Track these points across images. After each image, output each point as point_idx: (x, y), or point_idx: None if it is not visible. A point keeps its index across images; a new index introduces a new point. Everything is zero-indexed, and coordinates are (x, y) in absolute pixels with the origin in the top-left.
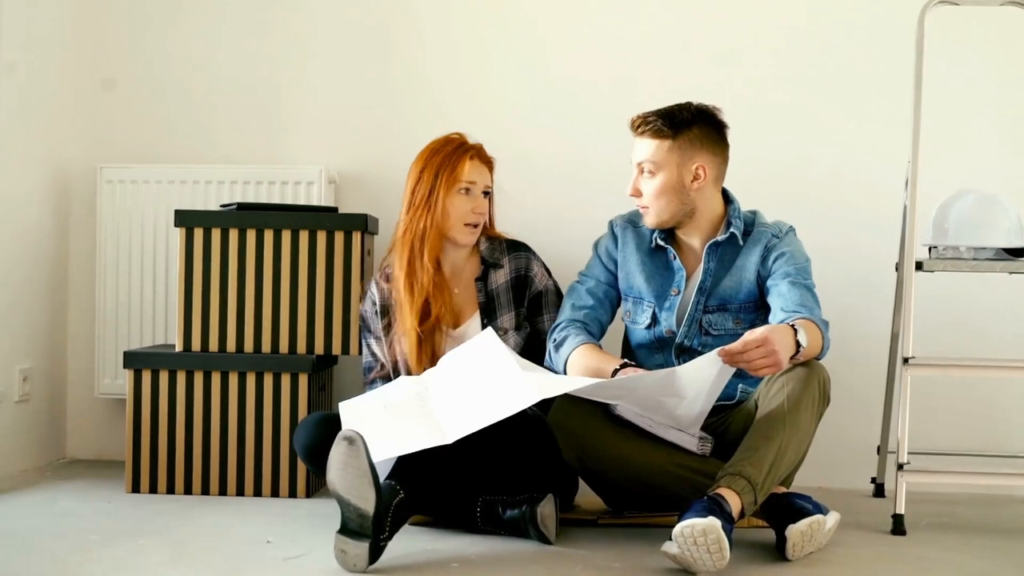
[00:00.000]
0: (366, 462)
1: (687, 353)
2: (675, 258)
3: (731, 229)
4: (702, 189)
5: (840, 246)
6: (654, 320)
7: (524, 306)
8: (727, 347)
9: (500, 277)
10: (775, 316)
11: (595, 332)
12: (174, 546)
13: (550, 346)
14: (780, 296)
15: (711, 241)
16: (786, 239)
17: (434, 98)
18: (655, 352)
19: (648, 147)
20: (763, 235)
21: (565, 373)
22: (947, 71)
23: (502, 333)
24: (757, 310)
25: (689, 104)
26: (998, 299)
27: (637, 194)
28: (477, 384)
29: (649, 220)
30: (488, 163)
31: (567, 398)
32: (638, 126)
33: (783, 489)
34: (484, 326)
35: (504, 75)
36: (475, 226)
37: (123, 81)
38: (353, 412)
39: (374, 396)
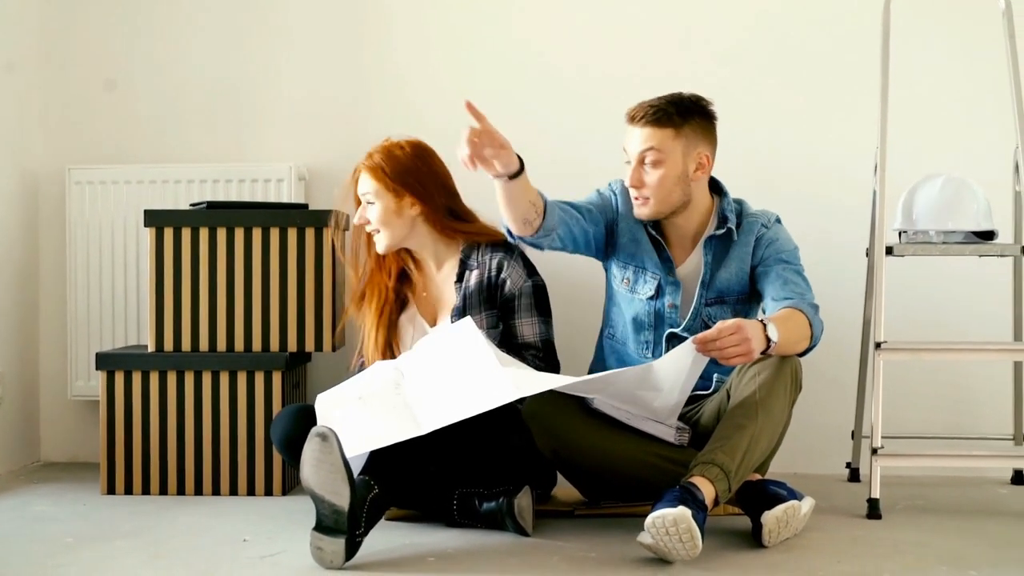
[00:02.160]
0: (339, 458)
1: (677, 340)
2: (666, 246)
3: (728, 224)
4: (700, 180)
5: (812, 233)
6: (658, 292)
7: (496, 308)
8: (701, 335)
9: (473, 279)
10: (766, 305)
11: (565, 208)
12: (150, 547)
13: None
14: (770, 284)
15: (708, 235)
16: (774, 228)
17: (405, 92)
18: (646, 329)
19: (653, 135)
20: (753, 225)
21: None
22: (914, 56)
23: None
24: (750, 301)
25: (684, 94)
26: (968, 282)
27: (639, 184)
28: (453, 375)
29: (646, 211)
30: (371, 169)
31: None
32: (641, 115)
33: (757, 476)
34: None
35: (477, 68)
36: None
37: (90, 81)
38: (328, 406)
39: (349, 387)
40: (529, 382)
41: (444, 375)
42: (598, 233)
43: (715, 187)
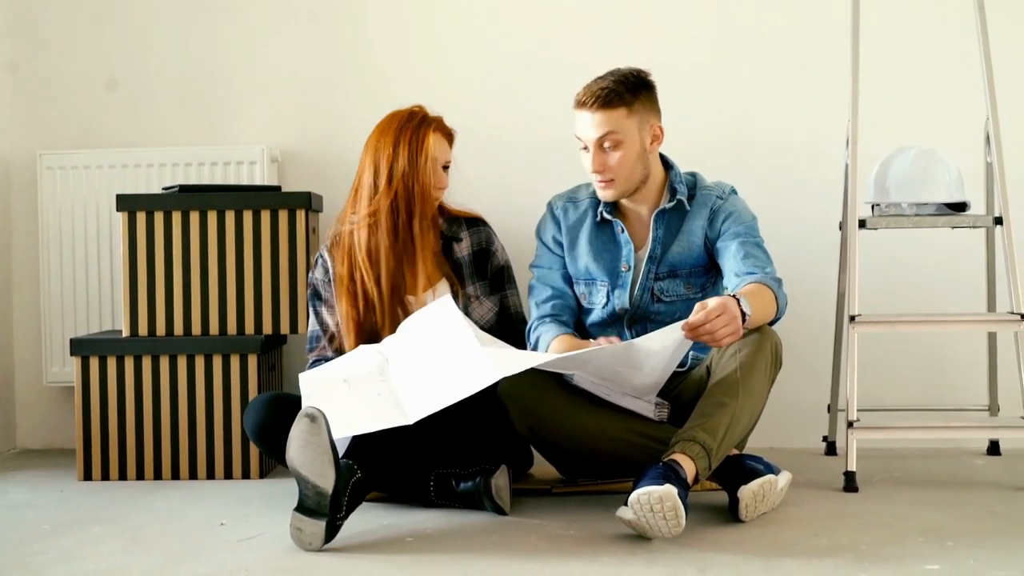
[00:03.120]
0: (327, 440)
1: (640, 323)
2: (623, 231)
3: (677, 196)
4: (655, 152)
5: (785, 208)
6: (608, 299)
7: (487, 279)
8: (689, 320)
9: (463, 249)
10: (728, 280)
11: (567, 320)
12: (128, 532)
13: (529, 349)
14: (731, 258)
15: (658, 209)
16: (730, 199)
17: (379, 72)
18: (608, 327)
19: (608, 118)
20: (707, 198)
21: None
22: (884, 29)
23: (474, 299)
24: (707, 273)
25: (624, 69)
26: (942, 254)
27: (602, 169)
28: (436, 359)
29: (611, 193)
30: (449, 136)
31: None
32: (592, 100)
33: (735, 451)
34: (454, 292)
35: (453, 48)
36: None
37: (60, 66)
38: (313, 386)
39: (334, 368)
40: (510, 361)
41: (427, 359)
42: (568, 277)
43: (664, 161)
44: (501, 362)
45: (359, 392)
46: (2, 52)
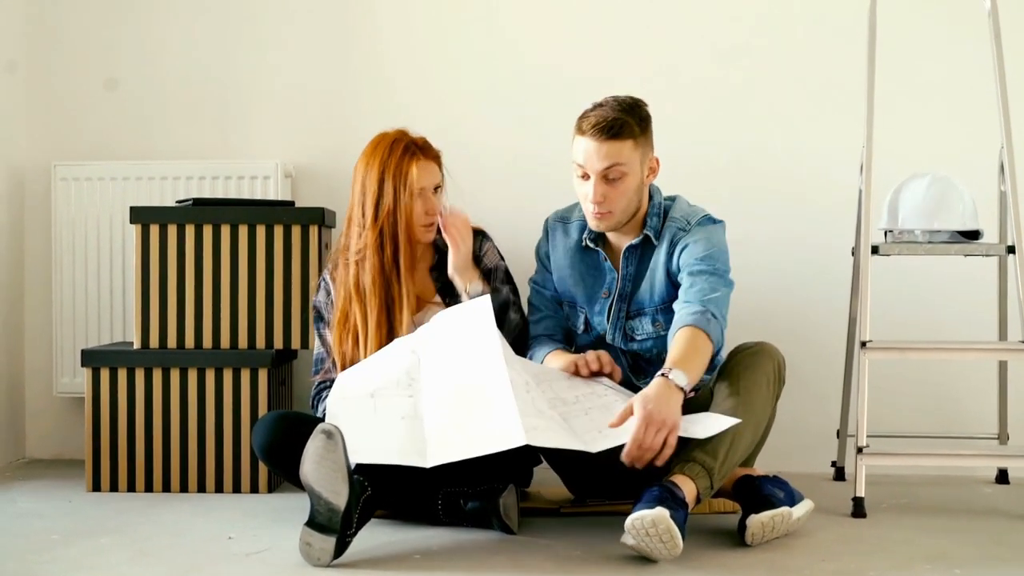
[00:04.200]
0: (343, 457)
1: (624, 356)
2: (605, 260)
3: (645, 230)
4: (647, 185)
5: (798, 233)
6: (587, 326)
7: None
8: (625, 456)
9: None
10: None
11: (559, 338)
12: (135, 544)
13: None
14: (680, 294)
15: (627, 245)
16: (693, 230)
17: (392, 89)
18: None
19: (618, 151)
20: (670, 228)
21: None
22: (899, 56)
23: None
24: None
25: (624, 98)
26: (954, 282)
27: (603, 200)
28: (464, 387)
29: (605, 225)
30: (435, 158)
31: None
32: (601, 129)
33: (759, 472)
34: (447, 305)
35: (464, 65)
36: (430, 225)
37: (76, 77)
38: (341, 401)
39: (365, 372)
40: (539, 433)
41: (455, 381)
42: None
43: (648, 191)
44: (530, 429)
45: (383, 415)
46: (16, 61)
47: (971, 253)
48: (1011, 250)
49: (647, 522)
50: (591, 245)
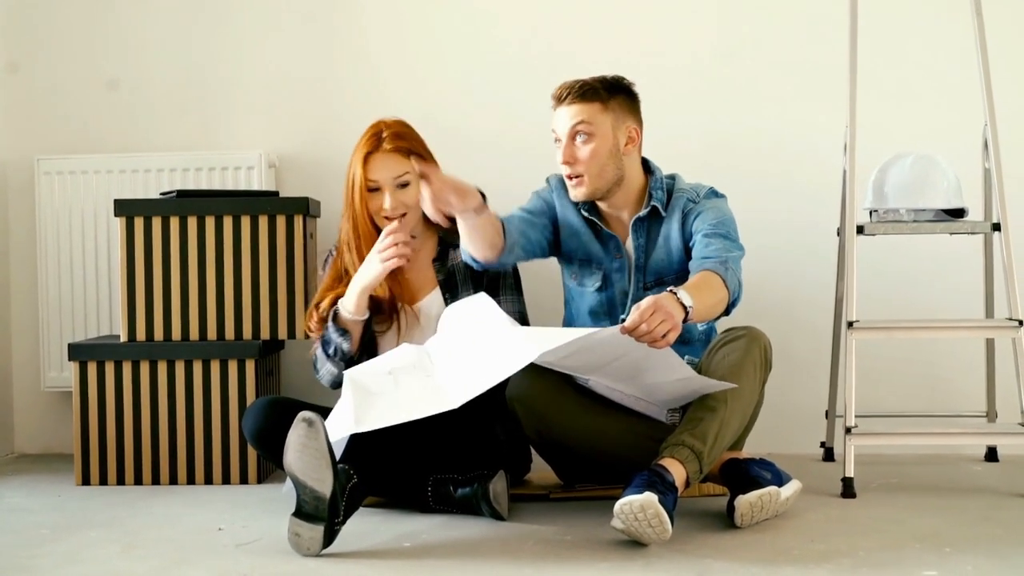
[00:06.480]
0: (325, 444)
1: None
2: (605, 227)
3: (652, 202)
4: (631, 155)
5: (783, 214)
6: (605, 282)
7: (483, 286)
8: (625, 324)
9: (458, 256)
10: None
11: (515, 235)
12: (125, 537)
13: None
14: (696, 250)
15: (635, 216)
16: (703, 201)
17: (376, 77)
18: (602, 319)
19: (582, 110)
20: (679, 200)
21: None
22: (882, 34)
23: None
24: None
25: (611, 75)
26: (939, 260)
27: (572, 160)
28: (475, 346)
29: (581, 191)
30: (399, 150)
31: (528, 372)
32: (567, 94)
33: (745, 455)
34: (446, 301)
35: (450, 51)
36: (393, 220)
37: (57, 71)
38: (357, 380)
39: (378, 363)
40: (546, 338)
41: (467, 347)
42: (548, 234)
43: (646, 167)
44: (539, 339)
45: (403, 384)
46: (1, 54)
47: (956, 231)
48: (996, 227)
49: (636, 507)
50: (586, 215)
